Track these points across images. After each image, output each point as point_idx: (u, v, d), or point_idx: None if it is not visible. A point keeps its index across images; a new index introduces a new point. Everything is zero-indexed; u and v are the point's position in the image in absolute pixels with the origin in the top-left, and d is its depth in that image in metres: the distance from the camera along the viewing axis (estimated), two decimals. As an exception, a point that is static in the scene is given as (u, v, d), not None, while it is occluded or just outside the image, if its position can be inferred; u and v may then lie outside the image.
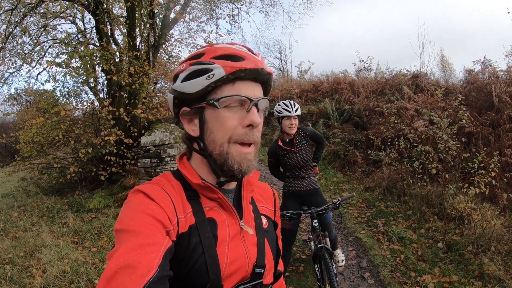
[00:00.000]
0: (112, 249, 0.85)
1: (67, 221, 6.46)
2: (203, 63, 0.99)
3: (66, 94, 9.33)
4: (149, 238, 0.84)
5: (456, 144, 6.09)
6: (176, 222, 0.96)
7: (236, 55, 1.00)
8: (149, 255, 0.80)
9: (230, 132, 1.00)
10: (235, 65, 0.97)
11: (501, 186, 5.62)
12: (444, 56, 12.42)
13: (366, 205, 7.04)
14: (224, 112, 1.00)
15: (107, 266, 0.78)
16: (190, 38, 12.05)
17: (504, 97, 7.30)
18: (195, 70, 1.00)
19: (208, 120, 1.03)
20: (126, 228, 0.87)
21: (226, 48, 1.02)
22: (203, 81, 0.98)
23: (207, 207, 1.06)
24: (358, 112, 11.20)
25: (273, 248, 1.22)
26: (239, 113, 1.00)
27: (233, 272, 1.04)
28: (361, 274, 4.65)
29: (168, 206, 0.97)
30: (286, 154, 4.02)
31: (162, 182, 1.05)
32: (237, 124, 1.00)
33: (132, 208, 0.93)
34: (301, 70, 19.35)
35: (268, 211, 1.30)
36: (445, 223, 5.31)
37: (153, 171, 7.33)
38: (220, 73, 0.97)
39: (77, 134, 8.39)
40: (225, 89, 1.00)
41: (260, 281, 1.12)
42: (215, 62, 0.98)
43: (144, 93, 8.94)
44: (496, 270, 3.97)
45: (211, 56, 1.00)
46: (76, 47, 9.05)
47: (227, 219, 1.07)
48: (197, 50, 1.08)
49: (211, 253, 0.99)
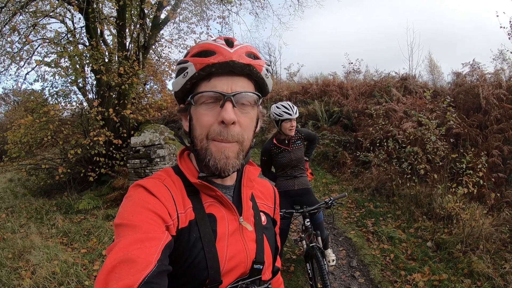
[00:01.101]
0: (111, 243, 0.85)
1: (56, 222, 6.38)
2: (181, 62, 1.03)
3: (54, 94, 9.24)
4: (148, 232, 0.85)
5: (444, 145, 6.16)
6: (176, 217, 0.97)
7: (209, 50, 0.99)
8: (148, 249, 0.81)
9: (206, 129, 1.00)
10: (203, 60, 0.97)
11: (488, 186, 5.70)
12: (432, 59, 12.58)
13: (355, 205, 7.08)
14: (201, 108, 1.01)
15: (106, 259, 0.78)
16: (180, 39, 12.05)
17: (491, 99, 7.42)
18: (178, 69, 1.04)
19: (192, 116, 1.05)
20: (126, 222, 0.87)
21: (202, 45, 1.02)
22: (180, 80, 1.02)
23: (207, 202, 1.06)
24: (347, 114, 11.27)
25: (271, 244, 1.23)
26: (215, 109, 0.99)
27: (232, 268, 1.05)
28: (352, 273, 4.67)
29: (169, 201, 0.97)
30: (280, 153, 4.03)
31: (163, 177, 1.06)
32: (213, 121, 0.99)
33: (132, 203, 0.94)
34: (290, 72, 19.40)
35: (268, 208, 1.30)
36: (434, 223, 5.37)
37: (143, 172, 7.28)
38: (192, 70, 0.99)
39: (65, 134, 8.30)
40: (202, 86, 1.01)
41: (258, 277, 1.13)
42: (189, 60, 1.00)
43: (133, 93, 8.88)
44: (485, 268, 4.02)
45: (191, 54, 1.02)
46: (65, 47, 8.96)
47: (227, 215, 1.08)
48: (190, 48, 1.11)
49: (211, 248, 1.00)
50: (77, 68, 8.60)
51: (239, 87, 1.01)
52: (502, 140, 6.62)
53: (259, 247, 1.14)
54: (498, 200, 5.28)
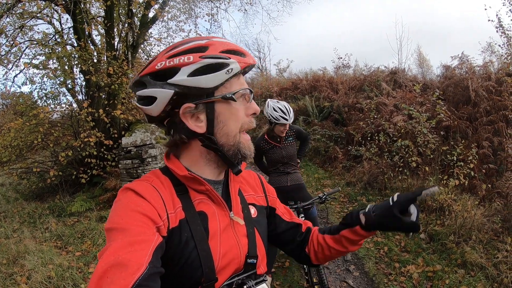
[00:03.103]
0: (102, 248, 0.84)
1: (49, 226, 6.32)
2: (219, 57, 0.98)
3: (43, 96, 9.15)
4: (139, 235, 0.85)
5: (435, 138, 6.21)
6: (166, 218, 0.97)
7: (238, 50, 1.04)
8: (139, 252, 0.81)
9: (240, 122, 1.06)
10: (245, 60, 1.03)
11: (479, 177, 5.76)
12: (421, 53, 12.67)
13: (348, 199, 7.13)
14: (236, 104, 1.05)
15: (98, 264, 0.78)
16: (169, 37, 11.96)
17: (480, 91, 7.50)
18: (209, 64, 0.97)
19: (221, 113, 1.03)
20: (116, 226, 0.87)
21: (229, 44, 1.03)
22: (222, 76, 0.99)
23: (196, 200, 1.06)
24: (338, 108, 11.31)
25: (263, 237, 1.22)
26: (243, 104, 1.08)
27: (226, 264, 1.05)
28: (346, 267, 4.71)
29: (158, 202, 0.97)
30: (271, 149, 4.03)
31: (151, 178, 1.06)
32: (243, 114, 1.08)
33: (121, 207, 0.94)
34: (280, 68, 19.40)
35: (258, 199, 1.30)
36: (427, 215, 5.43)
37: (135, 172, 7.25)
38: (237, 68, 1.00)
39: (56, 137, 8.23)
40: (234, 83, 1.04)
41: (253, 271, 1.13)
42: (230, 56, 1.00)
43: (123, 93, 8.81)
44: (478, 258, 4.08)
45: (220, 50, 0.99)
46: (53, 48, 8.87)
47: (217, 211, 1.08)
48: (192, 43, 1.01)
49: (204, 246, 1.00)
50: (65, 70, 8.53)
51: None
52: (492, 132, 6.69)
53: (251, 241, 1.14)
54: (489, 191, 5.34)
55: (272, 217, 1.36)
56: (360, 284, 4.29)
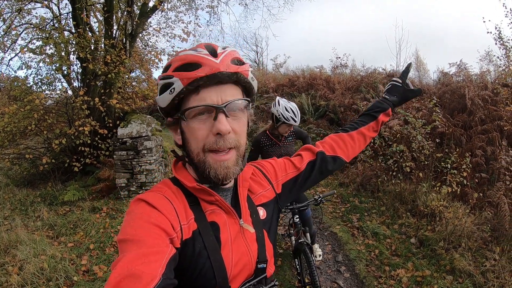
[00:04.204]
0: (116, 259, 0.85)
1: (41, 214, 6.27)
2: (166, 78, 1.00)
3: (39, 82, 9.06)
4: (152, 247, 0.85)
5: (429, 144, 6.28)
6: (179, 229, 0.98)
7: (193, 62, 0.97)
8: (153, 264, 0.81)
9: (202, 142, 1.00)
10: (190, 75, 0.95)
11: (471, 186, 5.84)
12: (419, 56, 12.71)
13: (341, 200, 7.18)
14: (193, 122, 1.00)
15: (110, 275, 0.78)
16: (168, 28, 11.87)
17: (477, 100, 7.57)
18: (162, 84, 1.01)
19: (184, 130, 1.04)
20: (130, 237, 0.88)
21: (184, 57, 0.99)
22: (167, 96, 0.99)
23: (207, 211, 1.07)
24: (334, 108, 11.32)
25: (272, 238, 1.24)
26: (208, 121, 0.99)
27: (238, 272, 1.07)
28: (337, 268, 4.76)
29: (171, 214, 0.98)
30: (271, 146, 4.06)
31: (163, 189, 1.06)
32: (208, 133, 0.99)
33: (134, 218, 0.94)
34: (277, 64, 19.37)
35: (266, 193, 1.29)
36: (418, 220, 5.49)
37: (129, 164, 7.21)
38: (179, 86, 0.96)
39: (49, 123, 8.17)
40: (191, 99, 0.99)
41: (264, 275, 1.15)
42: (174, 75, 0.97)
43: (120, 82, 8.74)
44: (466, 265, 4.16)
45: (173, 67, 0.99)
46: (50, 33, 8.76)
47: (228, 220, 1.09)
48: (171, 59, 1.06)
49: (216, 257, 1.02)
50: (62, 56, 8.43)
51: (229, 96, 1.00)
52: (485, 141, 6.76)
53: (260, 245, 1.15)
54: (480, 200, 5.41)
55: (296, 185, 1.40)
56: (350, 286, 4.35)
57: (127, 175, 7.23)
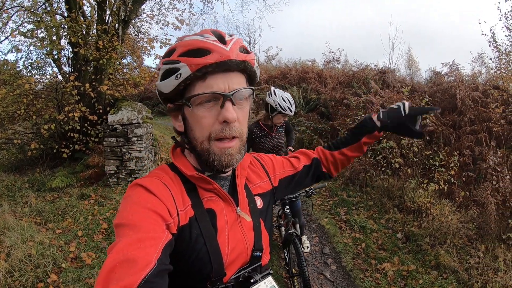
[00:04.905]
0: (112, 243, 0.85)
1: (29, 200, 6.17)
2: (171, 62, 0.97)
3: (29, 66, 8.90)
4: (148, 232, 0.85)
5: (418, 142, 6.35)
6: (176, 215, 0.98)
7: (202, 48, 0.95)
8: (148, 249, 0.81)
9: (207, 130, 0.99)
10: (199, 61, 0.93)
11: (458, 184, 5.93)
12: (411, 55, 12.81)
13: (329, 193, 7.25)
14: (199, 110, 0.98)
15: (106, 259, 0.79)
16: (161, 15, 11.74)
17: (467, 100, 7.68)
18: (167, 69, 0.99)
19: (188, 117, 1.03)
20: (126, 222, 0.88)
21: (192, 42, 0.97)
22: (172, 82, 0.97)
23: (205, 198, 1.08)
24: (325, 102, 11.34)
25: (268, 227, 1.25)
26: (215, 109, 0.98)
27: (234, 259, 1.08)
28: (324, 260, 4.82)
29: (168, 199, 0.98)
30: (263, 137, 4.08)
31: (161, 175, 1.06)
32: (214, 121, 0.98)
33: (132, 202, 0.94)
34: (269, 55, 19.24)
35: (263, 185, 1.31)
36: (405, 215, 5.58)
37: (119, 151, 7.13)
38: (186, 71, 0.94)
39: (38, 108, 8.00)
40: (197, 86, 0.97)
41: (259, 263, 1.17)
42: (181, 60, 0.95)
43: (111, 69, 8.63)
44: (451, 262, 4.25)
45: (179, 52, 0.97)
46: (42, 17, 8.61)
47: (225, 208, 1.10)
48: (174, 44, 1.04)
49: (213, 243, 1.03)
50: (53, 40, 8.29)
51: (236, 84, 0.99)
52: (474, 141, 6.88)
53: (256, 234, 1.16)
54: (467, 198, 5.51)
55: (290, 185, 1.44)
56: (337, 278, 4.41)
57: (117, 162, 7.17)
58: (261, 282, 1.13)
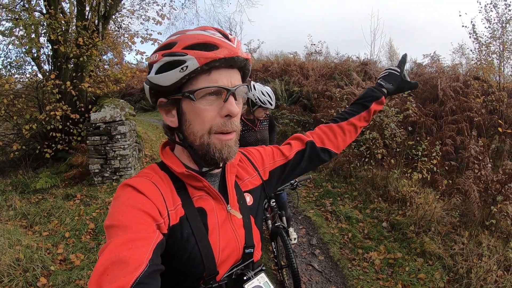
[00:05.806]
0: (103, 245, 0.85)
1: (13, 203, 6.04)
2: (175, 54, 0.95)
3: (8, 65, 8.72)
4: (139, 232, 0.85)
5: (401, 132, 6.44)
6: (166, 215, 0.97)
7: (209, 43, 0.95)
8: (140, 249, 0.81)
9: (209, 124, 0.99)
10: (209, 55, 0.93)
11: (441, 173, 6.05)
12: (393, 46, 12.85)
13: (314, 185, 7.32)
14: (201, 103, 0.98)
15: (98, 261, 0.78)
16: (142, 10, 11.61)
17: (448, 91, 7.81)
18: (168, 61, 0.96)
19: (186, 111, 1.01)
20: (116, 223, 0.87)
21: (198, 36, 0.97)
22: (176, 74, 0.95)
23: (195, 197, 1.07)
24: (307, 94, 11.39)
25: (258, 224, 1.25)
26: (217, 103, 0.99)
27: (226, 258, 1.08)
28: (312, 251, 4.88)
29: (158, 199, 0.97)
30: (246, 131, 4.07)
31: (150, 174, 1.05)
32: (216, 115, 0.99)
33: (121, 203, 0.93)
34: (250, 48, 19.18)
35: (253, 180, 1.30)
36: (389, 205, 5.68)
37: (103, 149, 7.04)
38: (194, 64, 0.93)
39: (19, 108, 7.84)
40: (200, 80, 0.97)
41: (251, 260, 1.17)
42: (188, 52, 0.94)
43: (92, 66, 8.51)
44: (436, 249, 4.35)
45: (184, 45, 0.96)
46: (20, 14, 8.42)
47: (215, 206, 1.10)
48: (169, 38, 1.03)
49: (204, 242, 1.02)
50: (32, 38, 8.14)
51: (236, 80, 1.01)
52: (455, 131, 7.02)
53: (247, 231, 1.16)
54: (450, 187, 5.63)
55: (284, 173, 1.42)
56: (325, 268, 4.47)
57: (101, 160, 7.09)
58: (254, 278, 1.13)
